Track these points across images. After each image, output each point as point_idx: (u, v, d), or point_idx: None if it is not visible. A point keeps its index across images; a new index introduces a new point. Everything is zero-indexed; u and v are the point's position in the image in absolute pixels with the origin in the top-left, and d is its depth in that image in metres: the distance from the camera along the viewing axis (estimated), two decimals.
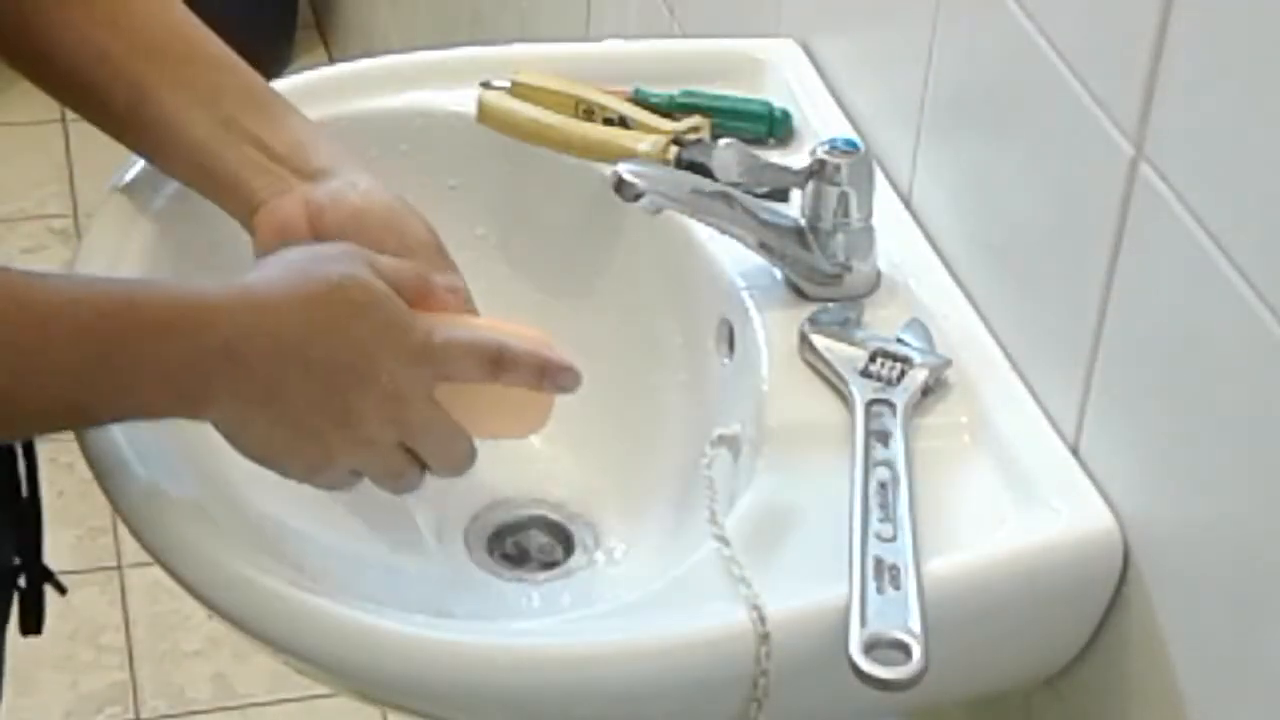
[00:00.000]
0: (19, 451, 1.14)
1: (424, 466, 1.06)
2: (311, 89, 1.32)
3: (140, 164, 1.22)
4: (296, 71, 1.35)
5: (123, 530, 1.08)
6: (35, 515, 1.14)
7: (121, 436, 1.07)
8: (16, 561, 1.15)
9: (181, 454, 1.08)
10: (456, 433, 1.05)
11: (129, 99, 1.14)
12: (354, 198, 1.13)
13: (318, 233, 1.12)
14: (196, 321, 0.99)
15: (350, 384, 1.01)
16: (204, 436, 1.03)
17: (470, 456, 1.07)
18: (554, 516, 1.25)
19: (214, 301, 1.00)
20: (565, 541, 1.25)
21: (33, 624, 1.16)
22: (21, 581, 1.14)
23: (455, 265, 1.13)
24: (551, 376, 1.07)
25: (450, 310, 1.07)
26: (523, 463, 1.25)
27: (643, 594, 1.03)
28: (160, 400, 1.00)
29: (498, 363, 1.05)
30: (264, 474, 1.09)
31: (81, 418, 1.02)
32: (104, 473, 1.07)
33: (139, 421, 1.03)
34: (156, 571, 1.05)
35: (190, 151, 1.14)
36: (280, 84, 1.30)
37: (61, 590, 1.16)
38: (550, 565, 1.24)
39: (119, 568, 2.42)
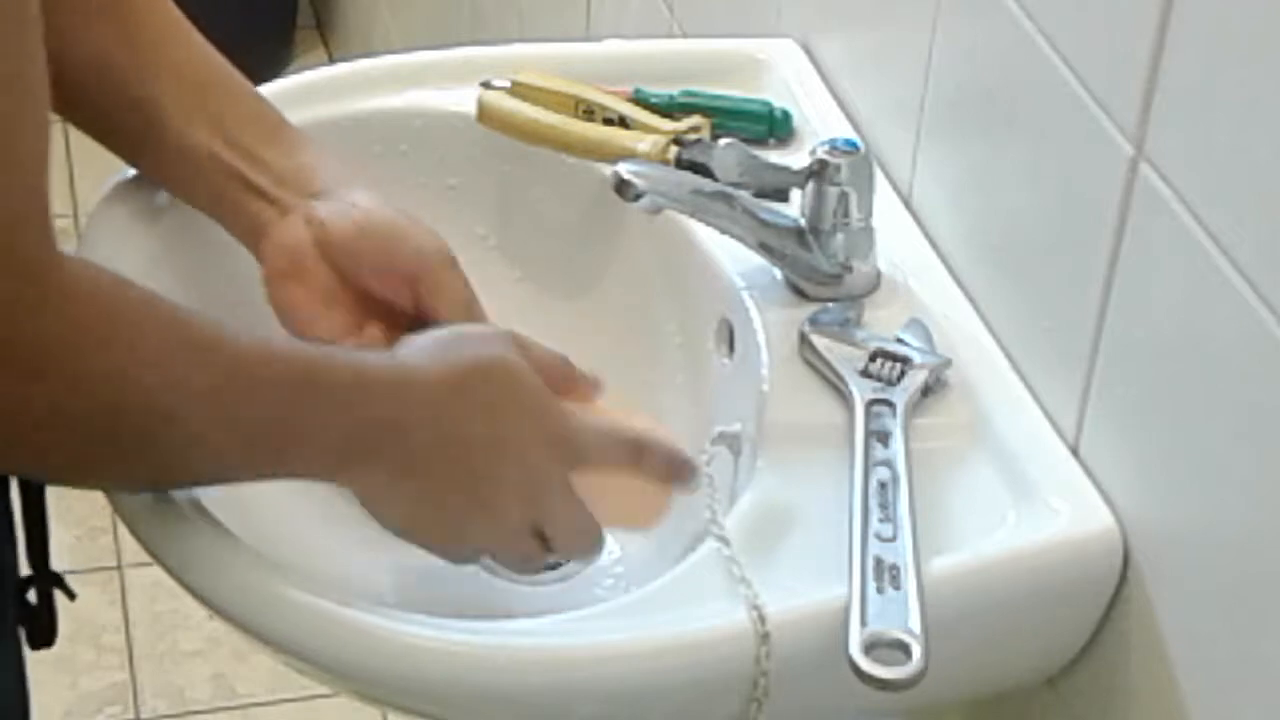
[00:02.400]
0: None
1: (550, 550, 1.07)
2: (311, 89, 1.32)
3: None
4: (296, 71, 1.35)
5: (123, 530, 1.08)
6: (41, 523, 1.13)
7: None
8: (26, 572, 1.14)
9: None
10: (589, 521, 1.07)
11: (140, 120, 1.14)
12: (355, 214, 1.13)
13: (324, 250, 1.12)
14: (366, 394, 0.99)
15: (495, 464, 1.02)
16: None
17: (599, 546, 1.08)
18: None
19: (377, 374, 1.00)
20: None
21: (44, 637, 1.15)
22: (31, 596, 1.13)
23: (465, 282, 1.14)
24: (680, 470, 1.09)
25: (588, 399, 1.08)
26: None
27: (643, 594, 1.03)
28: (313, 468, 1.00)
29: (640, 451, 1.07)
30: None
31: (227, 477, 1.01)
32: None
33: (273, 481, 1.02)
34: (156, 571, 1.05)
35: (195, 173, 1.14)
36: (280, 84, 1.30)
37: (71, 595, 1.15)
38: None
39: (119, 568, 2.41)
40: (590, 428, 1.06)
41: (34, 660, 1.14)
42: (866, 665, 0.95)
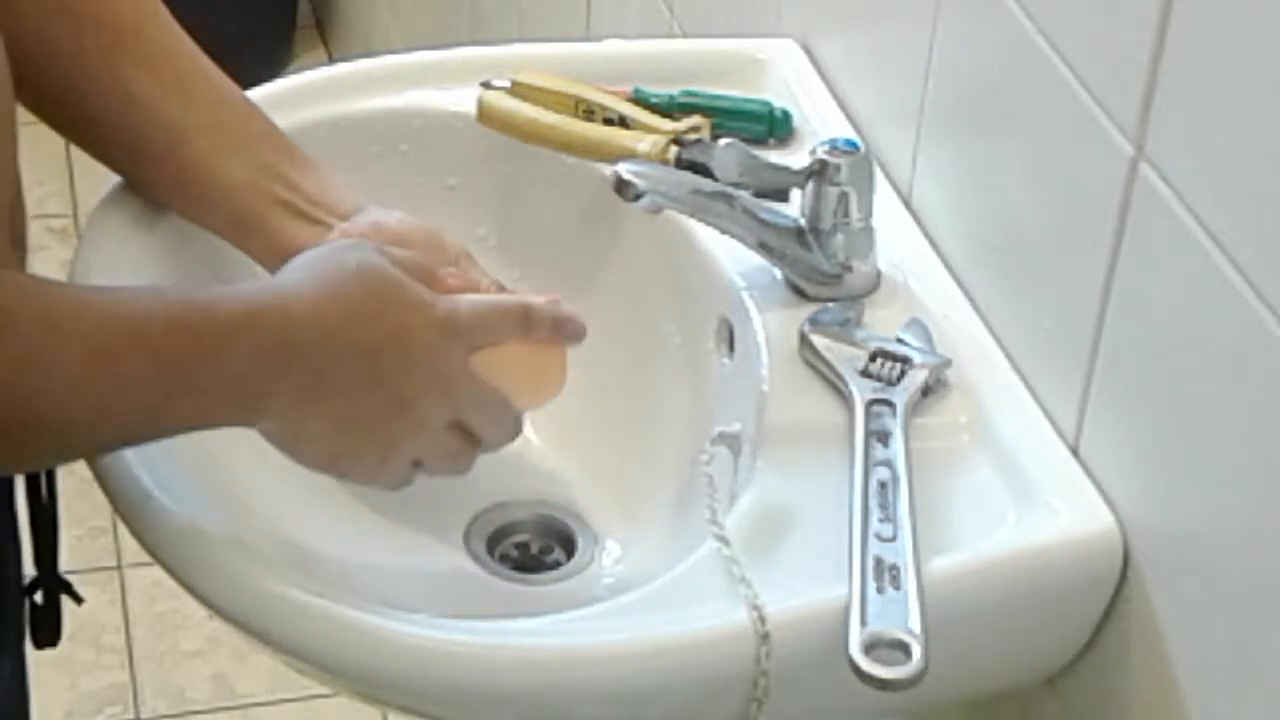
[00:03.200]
0: None
1: (475, 443, 1.07)
2: (311, 89, 1.32)
3: None
4: (296, 71, 1.35)
5: (123, 530, 1.08)
6: (52, 526, 1.13)
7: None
8: (33, 574, 1.14)
9: (183, 457, 1.08)
10: (502, 401, 1.07)
11: (165, 141, 1.14)
12: (392, 224, 1.14)
13: None
14: (250, 326, 0.99)
15: (395, 367, 1.02)
16: (206, 439, 1.03)
17: (519, 423, 1.09)
18: (554, 517, 1.25)
19: (258, 304, 1.00)
20: (565, 542, 1.25)
21: (49, 637, 1.15)
22: (38, 596, 1.14)
23: (487, 276, 1.15)
24: (567, 325, 1.10)
25: (459, 289, 1.08)
26: (523, 463, 1.25)
27: (643, 594, 1.03)
28: (223, 407, 1.00)
29: (525, 318, 1.07)
30: (265, 476, 1.09)
31: (151, 433, 1.01)
32: (105, 474, 1.07)
33: (197, 432, 1.03)
34: (156, 571, 1.05)
35: (225, 196, 1.15)
36: (280, 84, 1.30)
37: (78, 600, 1.15)
38: (551, 566, 1.24)
39: (119, 568, 2.42)
40: (475, 307, 1.06)
41: (34, 660, 1.14)
42: (866, 665, 0.95)
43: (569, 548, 1.24)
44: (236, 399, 1.00)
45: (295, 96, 1.28)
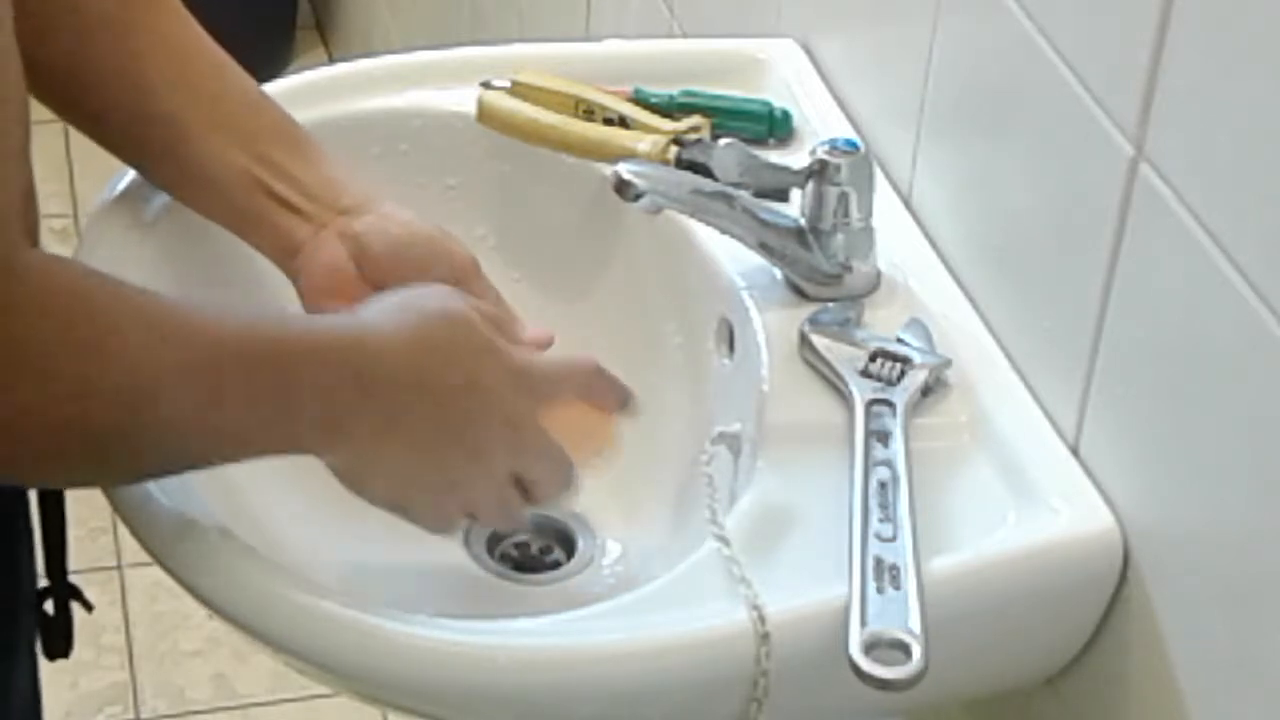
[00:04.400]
0: None
1: (529, 498, 1.07)
2: (311, 89, 1.32)
3: None
4: (296, 71, 1.35)
5: (123, 530, 1.08)
6: (61, 533, 1.13)
7: None
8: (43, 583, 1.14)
9: None
10: (563, 456, 1.08)
11: (167, 135, 1.14)
12: (394, 228, 1.14)
13: (363, 266, 1.13)
14: (335, 357, 0.99)
15: (470, 412, 1.03)
16: None
17: (573, 480, 1.09)
18: (554, 516, 1.25)
19: (342, 336, 1.01)
20: (565, 542, 1.25)
21: (61, 647, 1.15)
22: (49, 606, 1.13)
23: (493, 289, 1.15)
24: (624, 395, 1.12)
25: (534, 344, 1.11)
26: None
27: (643, 594, 1.03)
28: (291, 439, 1.00)
29: (594, 380, 1.09)
30: (265, 477, 1.09)
31: (205, 461, 1.00)
32: None
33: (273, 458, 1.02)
34: (156, 571, 1.05)
35: (223, 189, 1.14)
36: (280, 84, 1.30)
37: (89, 608, 1.15)
38: (551, 566, 1.24)
39: (119, 568, 2.42)
40: (546, 364, 1.07)
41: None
42: (866, 665, 0.95)
43: (569, 548, 1.24)
44: (308, 429, 0.99)
45: (295, 96, 1.28)
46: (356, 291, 1.12)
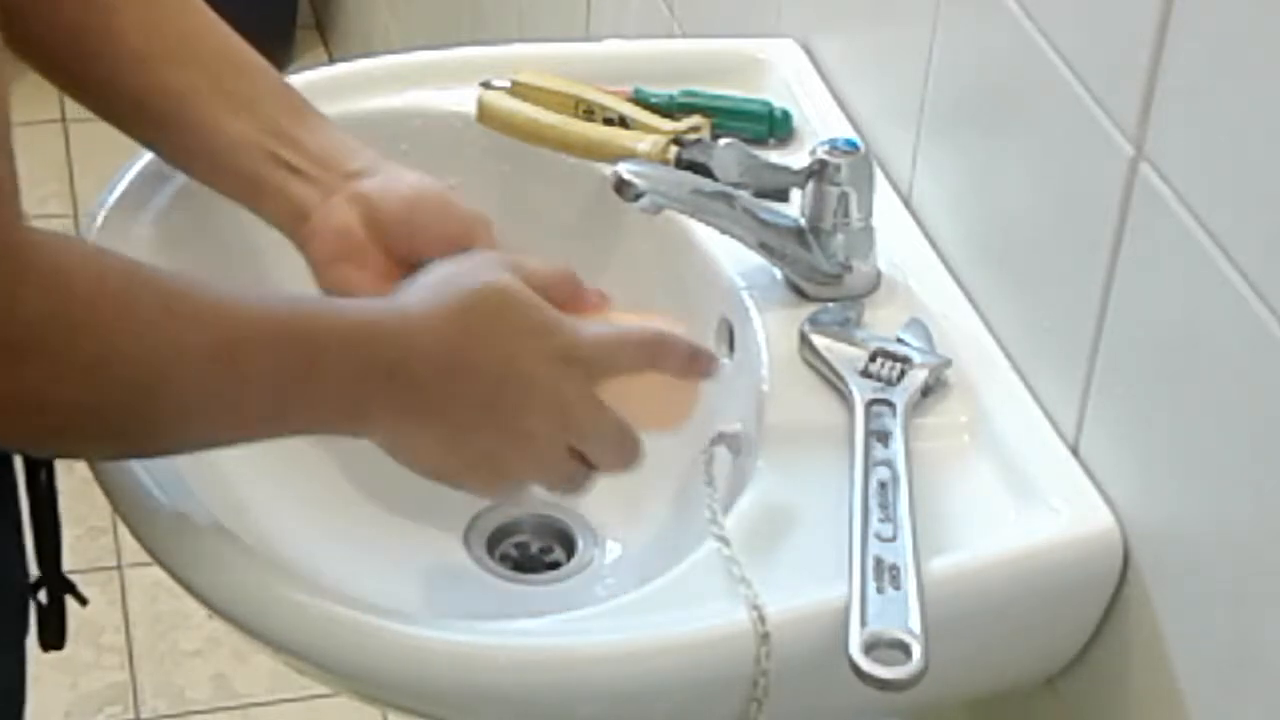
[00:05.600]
0: (16, 463, 1.13)
1: (592, 466, 1.06)
2: (311, 89, 1.31)
3: (141, 164, 1.22)
4: (296, 71, 1.35)
5: (123, 530, 1.08)
6: (54, 526, 1.13)
7: None
8: (35, 575, 1.14)
9: (183, 458, 1.08)
10: (624, 430, 1.06)
11: (167, 106, 1.13)
12: (403, 188, 1.13)
13: (374, 227, 1.12)
14: (369, 340, 0.99)
15: (512, 390, 1.01)
16: None
17: (639, 451, 1.07)
18: (554, 516, 1.25)
19: (378, 319, 1.00)
20: (565, 542, 1.25)
21: (54, 639, 1.15)
22: (42, 596, 1.13)
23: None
24: (701, 361, 1.08)
25: (598, 310, 1.08)
26: None
27: (643, 594, 1.03)
28: (324, 421, 1.00)
29: (654, 349, 1.06)
30: (266, 477, 1.09)
31: (231, 439, 1.00)
32: (105, 474, 1.07)
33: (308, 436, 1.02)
34: (156, 571, 1.05)
35: (232, 158, 1.14)
36: None
37: (83, 601, 1.15)
38: (551, 566, 1.24)
39: (119, 567, 2.42)
40: (599, 336, 1.05)
41: (34, 660, 1.14)
42: (866, 665, 0.95)
43: (569, 548, 1.24)
44: (342, 411, 0.99)
45: None
46: (367, 256, 1.12)
